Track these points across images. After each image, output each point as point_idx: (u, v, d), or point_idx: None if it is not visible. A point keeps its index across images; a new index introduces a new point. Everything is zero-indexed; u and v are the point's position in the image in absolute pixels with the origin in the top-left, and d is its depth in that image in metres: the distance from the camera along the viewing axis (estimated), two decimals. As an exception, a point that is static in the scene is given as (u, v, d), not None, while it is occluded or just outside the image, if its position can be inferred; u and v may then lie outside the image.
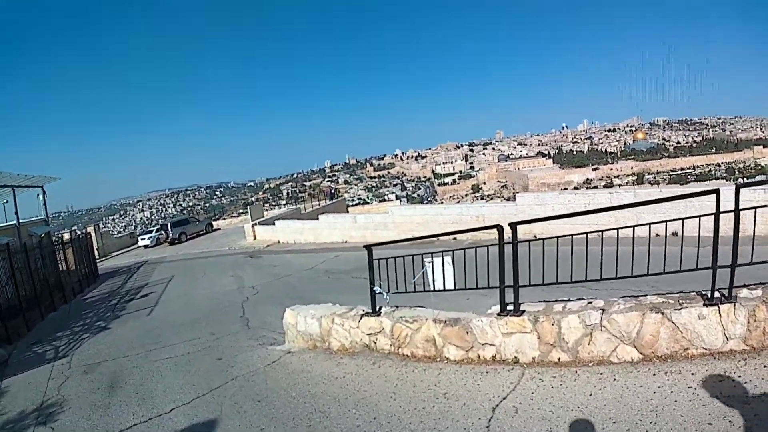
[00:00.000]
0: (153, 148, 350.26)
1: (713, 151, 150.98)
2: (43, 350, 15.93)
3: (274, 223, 39.26)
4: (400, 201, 77.13)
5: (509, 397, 6.67)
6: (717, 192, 6.13)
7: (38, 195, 36.34)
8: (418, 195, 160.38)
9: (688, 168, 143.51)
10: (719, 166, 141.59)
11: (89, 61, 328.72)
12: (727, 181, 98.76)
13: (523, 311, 7.79)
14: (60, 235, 37.25)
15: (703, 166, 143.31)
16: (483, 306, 10.07)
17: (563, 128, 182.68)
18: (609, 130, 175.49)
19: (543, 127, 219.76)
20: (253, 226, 40.63)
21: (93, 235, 43.66)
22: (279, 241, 37.63)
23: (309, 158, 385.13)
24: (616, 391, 6.14)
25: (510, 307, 7.91)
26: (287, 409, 7.84)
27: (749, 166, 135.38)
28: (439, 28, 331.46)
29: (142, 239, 52.50)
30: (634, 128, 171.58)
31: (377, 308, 9.87)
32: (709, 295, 6.61)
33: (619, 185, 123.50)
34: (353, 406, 7.44)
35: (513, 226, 7.73)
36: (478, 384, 7.27)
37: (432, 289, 9.39)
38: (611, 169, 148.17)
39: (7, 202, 33.77)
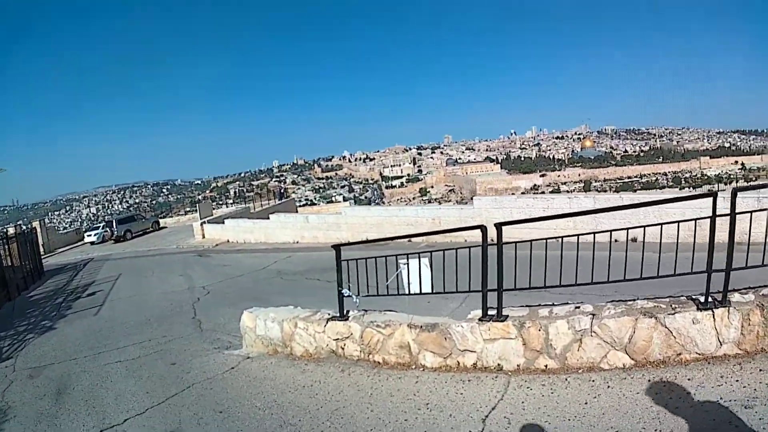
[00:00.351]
0: (99, 142, 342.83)
1: (660, 160, 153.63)
2: None
3: (223, 222, 38.59)
4: (349, 203, 76.68)
5: (498, 407, 6.28)
6: (714, 195, 6.02)
7: None
8: (366, 197, 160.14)
9: (635, 176, 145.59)
10: (665, 175, 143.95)
11: (34, 50, 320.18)
12: (675, 189, 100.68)
13: (507, 316, 7.42)
14: (5, 230, 36.17)
15: (649, 174, 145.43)
16: (445, 309, 9.79)
17: (512, 134, 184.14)
18: (557, 138, 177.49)
19: (491, 133, 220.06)
20: (201, 224, 39.88)
21: (38, 230, 42.78)
22: (228, 240, 37.01)
23: (257, 158, 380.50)
24: (612, 399, 5.82)
25: (492, 312, 7.52)
26: (253, 422, 7.33)
27: (695, 176, 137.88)
28: (389, 31, 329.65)
29: (88, 236, 51.45)
30: (582, 136, 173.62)
31: (345, 312, 9.35)
32: (702, 300, 6.38)
33: (568, 191, 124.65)
34: (326, 418, 6.96)
35: (498, 226, 7.34)
36: (461, 393, 6.87)
37: (407, 292, 8.96)
38: (559, 175, 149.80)
39: None
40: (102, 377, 10.99)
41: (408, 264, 8.90)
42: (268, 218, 35.46)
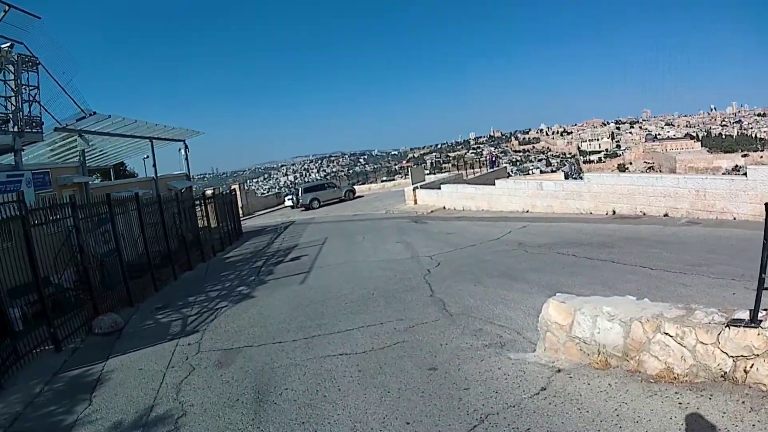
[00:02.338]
0: (297, 112, 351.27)
1: None
2: (168, 319, 12.60)
3: (439, 188, 35.40)
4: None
5: None
6: None
7: (180, 149, 35.01)
8: (563, 171, 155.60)
9: None
10: None
11: (241, 21, 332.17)
12: None
13: None
14: (203, 191, 34.73)
15: None
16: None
17: (711, 110, 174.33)
18: (759, 114, 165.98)
19: (691, 108, 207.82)
20: (414, 189, 37.02)
21: (238, 192, 41.44)
22: (444, 207, 33.73)
23: (453, 129, 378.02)
24: None
25: None
26: None
27: None
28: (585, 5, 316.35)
29: (289, 199, 50.28)
30: None
31: (755, 314, 5.48)
32: None
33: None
34: None
35: None
36: None
37: None
38: (761, 156, 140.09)
39: (148, 157, 32.09)
40: (322, 379, 7.50)
41: None
42: (494, 184, 31.89)
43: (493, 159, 61.38)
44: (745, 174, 20.09)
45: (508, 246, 17.84)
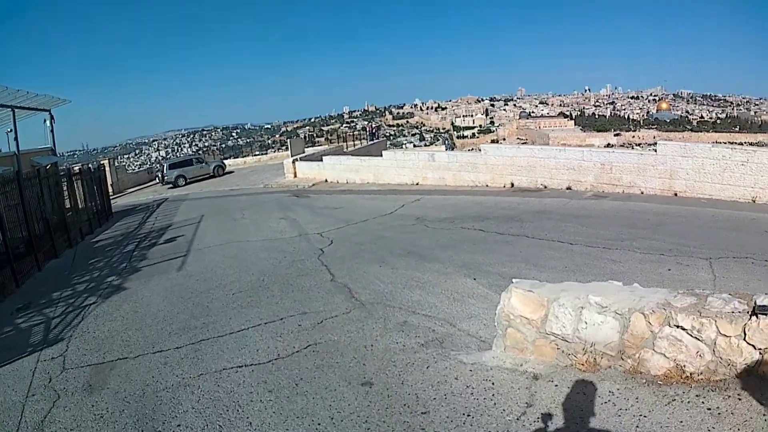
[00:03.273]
0: (169, 86, 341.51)
1: (737, 129, 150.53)
2: (29, 324, 10.47)
3: (321, 160, 34.22)
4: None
5: None
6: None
7: (45, 120, 31.98)
8: (441, 145, 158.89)
9: (711, 144, 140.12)
10: (741, 145, 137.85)
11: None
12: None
13: None
14: (69, 167, 32.20)
15: (725, 143, 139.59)
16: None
17: (586, 91, 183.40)
18: (632, 97, 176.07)
19: (565, 88, 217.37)
20: (294, 161, 35.64)
21: (107, 168, 38.59)
22: (327, 180, 32.69)
23: (326, 103, 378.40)
24: None
25: None
26: None
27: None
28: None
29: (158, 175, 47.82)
30: (657, 98, 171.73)
31: None
32: None
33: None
34: None
35: None
36: None
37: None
38: (633, 136, 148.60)
39: (11, 131, 29.44)
40: (224, 407, 5.79)
41: None
42: (379, 155, 30.96)
43: (374, 131, 60.69)
44: (655, 150, 20.52)
45: (405, 221, 16.88)
